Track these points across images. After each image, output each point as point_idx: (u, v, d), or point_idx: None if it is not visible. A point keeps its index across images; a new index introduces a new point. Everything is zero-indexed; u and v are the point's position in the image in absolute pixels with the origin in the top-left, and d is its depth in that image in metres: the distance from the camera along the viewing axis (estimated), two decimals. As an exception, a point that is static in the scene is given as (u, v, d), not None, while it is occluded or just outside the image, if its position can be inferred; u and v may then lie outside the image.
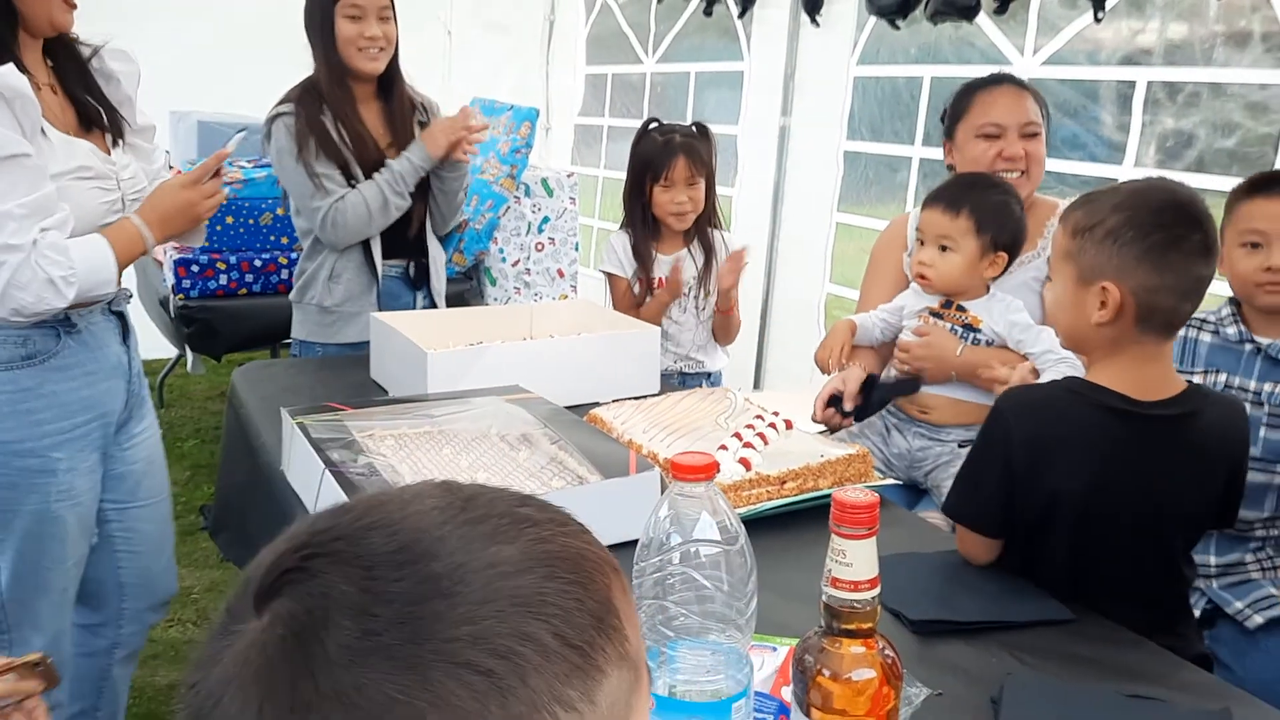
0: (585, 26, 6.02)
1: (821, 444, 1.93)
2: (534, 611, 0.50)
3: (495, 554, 0.51)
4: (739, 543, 0.92)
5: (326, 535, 0.52)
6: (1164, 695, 1.27)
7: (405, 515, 0.53)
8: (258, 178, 3.65)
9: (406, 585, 0.49)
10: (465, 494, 0.55)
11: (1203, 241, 1.46)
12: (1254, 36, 2.85)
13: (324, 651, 0.47)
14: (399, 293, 2.86)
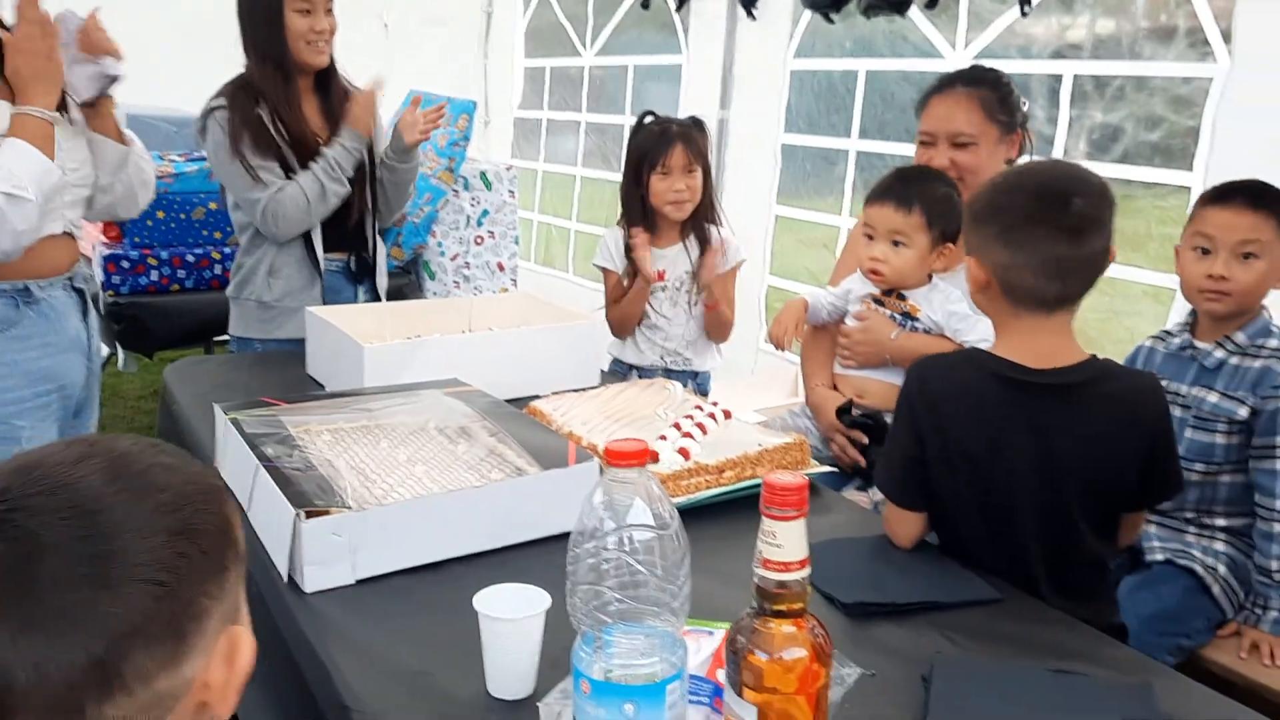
0: (523, 19, 6.00)
1: (759, 433, 1.95)
2: (186, 537, 0.72)
3: (155, 501, 0.72)
4: (672, 527, 0.93)
5: (23, 491, 0.69)
6: (1088, 671, 1.31)
7: (81, 476, 0.71)
8: (189, 172, 3.59)
9: (93, 529, 0.68)
10: (119, 451, 0.74)
11: (1066, 223, 1.53)
12: (1178, 31, 2.92)
13: (39, 580, 0.66)
14: (340, 287, 2.83)
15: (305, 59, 2.64)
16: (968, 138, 2.25)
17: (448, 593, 1.40)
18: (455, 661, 1.28)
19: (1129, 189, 3.16)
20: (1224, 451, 2.01)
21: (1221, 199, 2.01)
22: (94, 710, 0.67)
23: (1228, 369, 2.02)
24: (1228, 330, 2.03)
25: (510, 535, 1.56)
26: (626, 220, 2.79)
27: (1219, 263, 1.98)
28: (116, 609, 0.67)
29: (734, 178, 4.41)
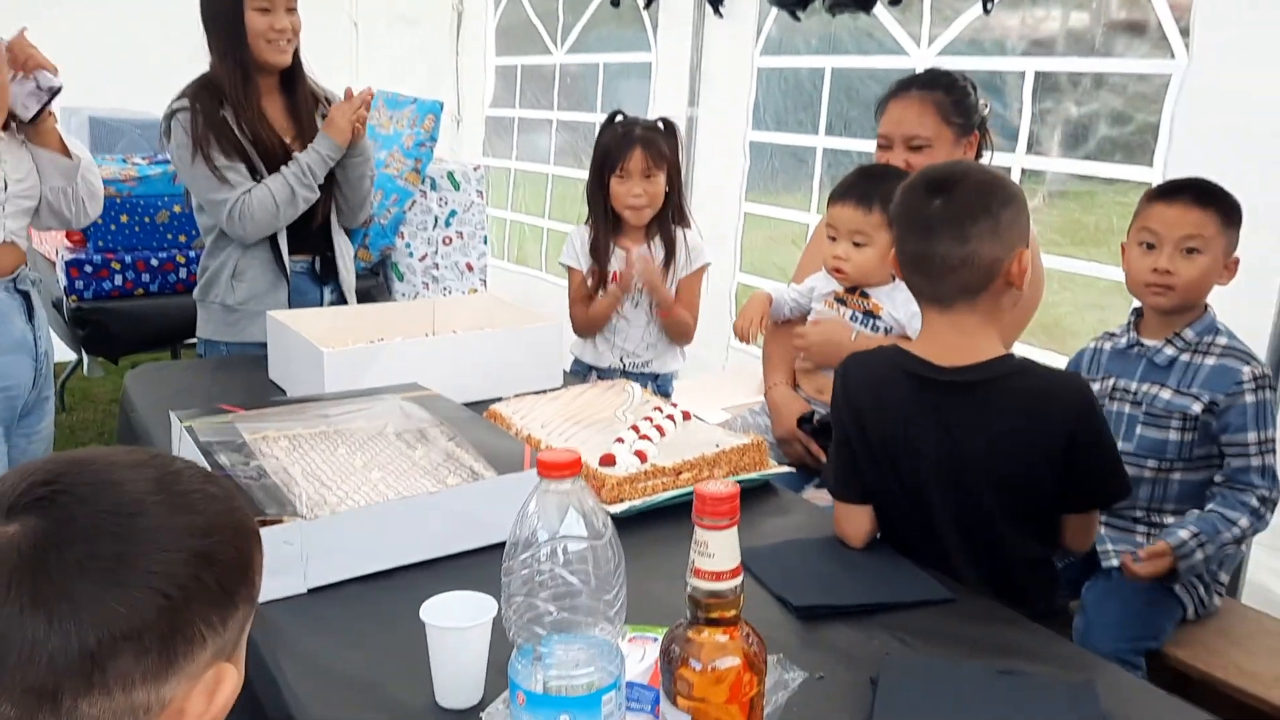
0: (494, 17, 5.98)
1: (718, 434, 1.96)
2: (205, 562, 0.75)
3: (188, 521, 0.75)
4: (606, 537, 0.93)
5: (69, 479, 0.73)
6: (1034, 669, 1.32)
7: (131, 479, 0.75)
8: (153, 175, 3.56)
9: (125, 530, 0.72)
10: (173, 469, 0.78)
11: (918, 221, 1.60)
12: (1138, 29, 2.94)
13: (62, 562, 0.69)
14: (306, 289, 2.81)
15: (266, 58, 2.62)
16: (923, 140, 2.28)
17: (399, 600, 1.40)
18: (404, 670, 1.28)
19: (1091, 185, 3.19)
20: (1176, 448, 2.02)
21: (1167, 195, 2.03)
22: (69, 701, 0.69)
23: (1179, 365, 2.03)
24: (1174, 327, 2.05)
25: (463, 541, 1.56)
26: (591, 220, 2.79)
27: (1163, 257, 2.00)
28: (120, 608, 0.70)
29: (703, 175, 4.41)
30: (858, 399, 1.70)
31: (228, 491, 0.81)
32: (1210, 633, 2.08)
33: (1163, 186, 2.09)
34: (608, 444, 1.83)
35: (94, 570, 0.70)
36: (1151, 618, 2.02)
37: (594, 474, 1.74)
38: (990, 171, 1.68)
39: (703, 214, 4.42)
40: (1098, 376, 2.15)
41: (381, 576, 1.51)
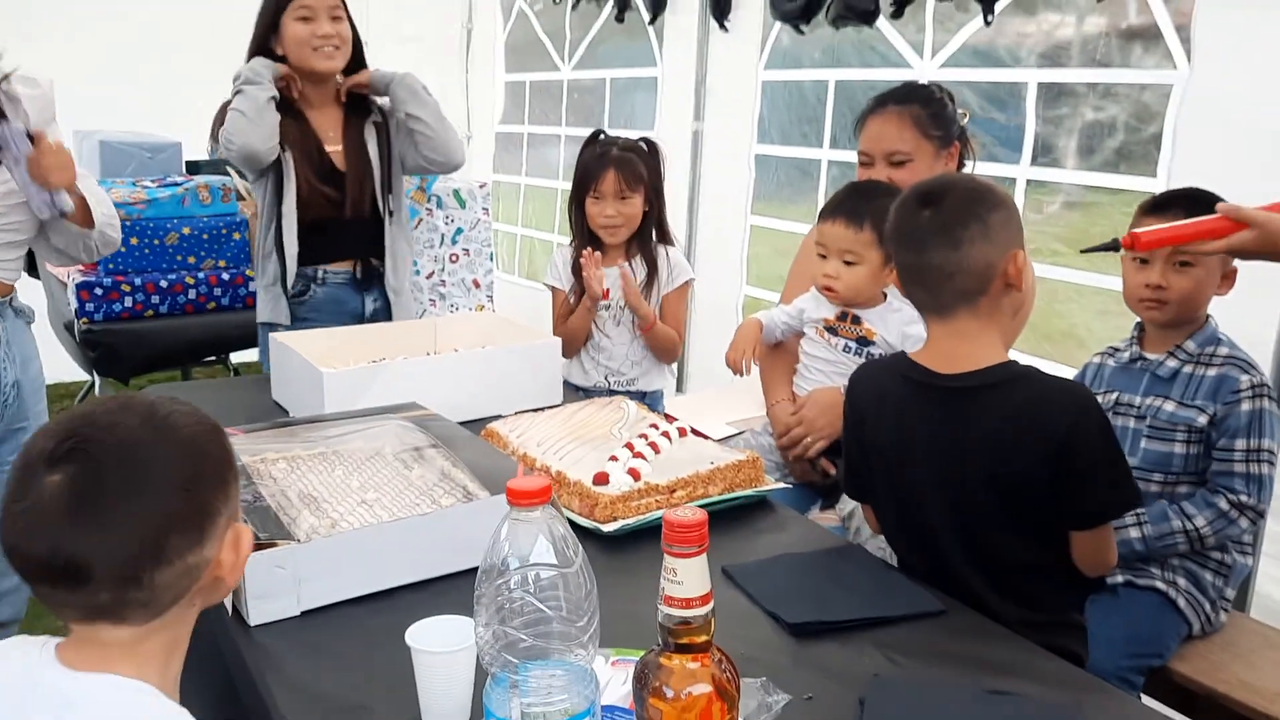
0: (502, 34, 6.01)
1: (713, 451, 1.96)
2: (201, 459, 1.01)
3: (176, 437, 1.00)
4: (576, 564, 0.93)
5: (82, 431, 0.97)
6: (1023, 688, 1.31)
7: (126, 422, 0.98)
8: (161, 198, 3.59)
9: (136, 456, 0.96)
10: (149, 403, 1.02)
11: (910, 233, 1.64)
12: (1140, 39, 2.93)
13: (103, 492, 0.94)
14: (345, 298, 2.85)
15: (312, 64, 2.69)
16: (903, 155, 2.28)
17: (391, 622, 1.40)
18: (393, 693, 1.28)
19: (1096, 195, 3.17)
20: (1182, 461, 2.01)
21: (1157, 209, 2.03)
22: (147, 577, 0.96)
23: (1182, 377, 2.03)
24: (1176, 340, 2.04)
25: (455, 563, 1.56)
26: (574, 238, 2.80)
27: (1155, 272, 2.00)
28: (156, 508, 0.96)
29: (709, 188, 4.42)
30: (861, 406, 1.76)
31: (192, 407, 1.05)
32: (1215, 648, 2.07)
33: (1153, 200, 2.09)
34: (603, 462, 1.84)
35: (126, 489, 0.95)
36: (1155, 634, 2.01)
37: (587, 492, 1.75)
38: (978, 180, 1.69)
39: (709, 227, 4.46)
40: (1101, 390, 2.14)
41: (373, 598, 1.52)
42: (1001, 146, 3.29)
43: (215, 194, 3.77)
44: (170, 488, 0.97)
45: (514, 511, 0.94)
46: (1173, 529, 1.98)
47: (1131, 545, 2.00)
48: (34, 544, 0.93)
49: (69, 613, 0.97)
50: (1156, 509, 2.00)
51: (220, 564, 1.03)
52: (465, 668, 1.20)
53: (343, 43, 2.72)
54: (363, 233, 2.83)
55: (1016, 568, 1.61)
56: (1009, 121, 3.24)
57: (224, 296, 3.70)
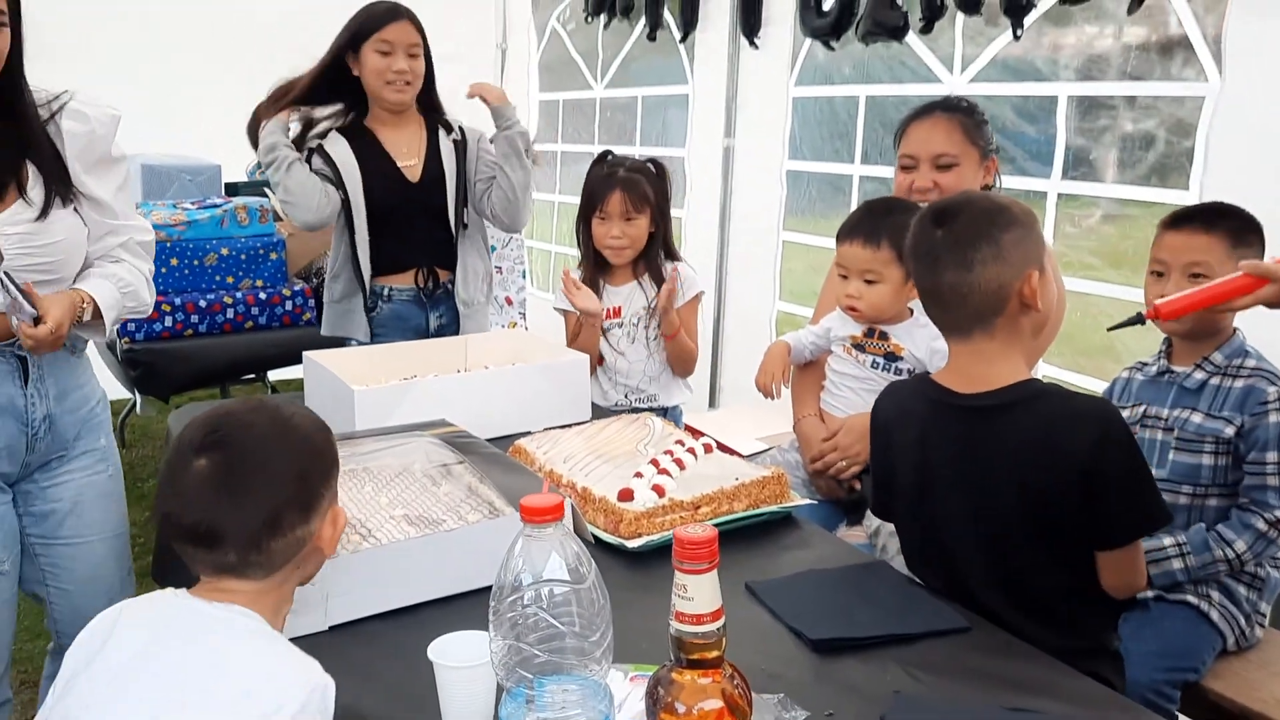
0: (536, 54, 6.07)
1: (738, 467, 1.96)
2: (312, 455, 1.25)
3: (296, 435, 1.24)
4: (588, 580, 0.95)
5: (225, 427, 1.21)
6: (1049, 707, 1.30)
7: (258, 421, 1.23)
8: (201, 219, 3.66)
9: (266, 448, 1.20)
10: (274, 407, 1.27)
11: (926, 253, 1.63)
12: (1171, 51, 2.91)
13: (244, 476, 1.18)
14: (409, 314, 2.97)
15: (384, 96, 2.84)
16: (950, 158, 2.28)
17: (415, 637, 1.42)
18: (417, 707, 1.30)
19: (1129, 208, 3.15)
20: (1210, 473, 1.99)
21: (1175, 224, 2.04)
22: (266, 544, 1.18)
23: (1209, 389, 2.01)
24: (1203, 352, 2.03)
25: (480, 578, 1.58)
26: (582, 257, 2.84)
27: (1170, 284, 2.00)
28: (277, 492, 1.19)
29: (740, 204, 4.43)
30: (885, 426, 1.77)
31: (309, 412, 1.30)
32: (1251, 665, 2.03)
33: (1173, 215, 2.08)
34: (628, 478, 1.85)
35: (254, 477, 1.18)
36: (1189, 649, 1.98)
37: (612, 508, 1.76)
38: (996, 198, 1.67)
39: (741, 243, 4.47)
40: (1128, 404, 2.13)
41: (399, 614, 1.54)
42: (1033, 160, 3.28)
43: (253, 215, 3.83)
44: (288, 476, 1.21)
45: (528, 528, 0.95)
46: (1214, 557, 1.96)
47: (1174, 576, 1.99)
48: (183, 514, 1.18)
49: (202, 568, 1.21)
50: (1197, 539, 1.98)
51: (320, 537, 1.25)
52: (486, 682, 1.22)
53: (415, 79, 2.85)
54: (431, 245, 2.96)
55: (1042, 591, 1.59)
56: (1040, 135, 3.23)
57: (261, 315, 3.76)
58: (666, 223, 2.81)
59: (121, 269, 2.04)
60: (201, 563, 1.20)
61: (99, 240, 2.02)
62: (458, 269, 3.00)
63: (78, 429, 2.08)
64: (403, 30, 2.79)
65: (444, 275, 3.00)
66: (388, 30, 2.78)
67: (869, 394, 2.22)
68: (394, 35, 2.77)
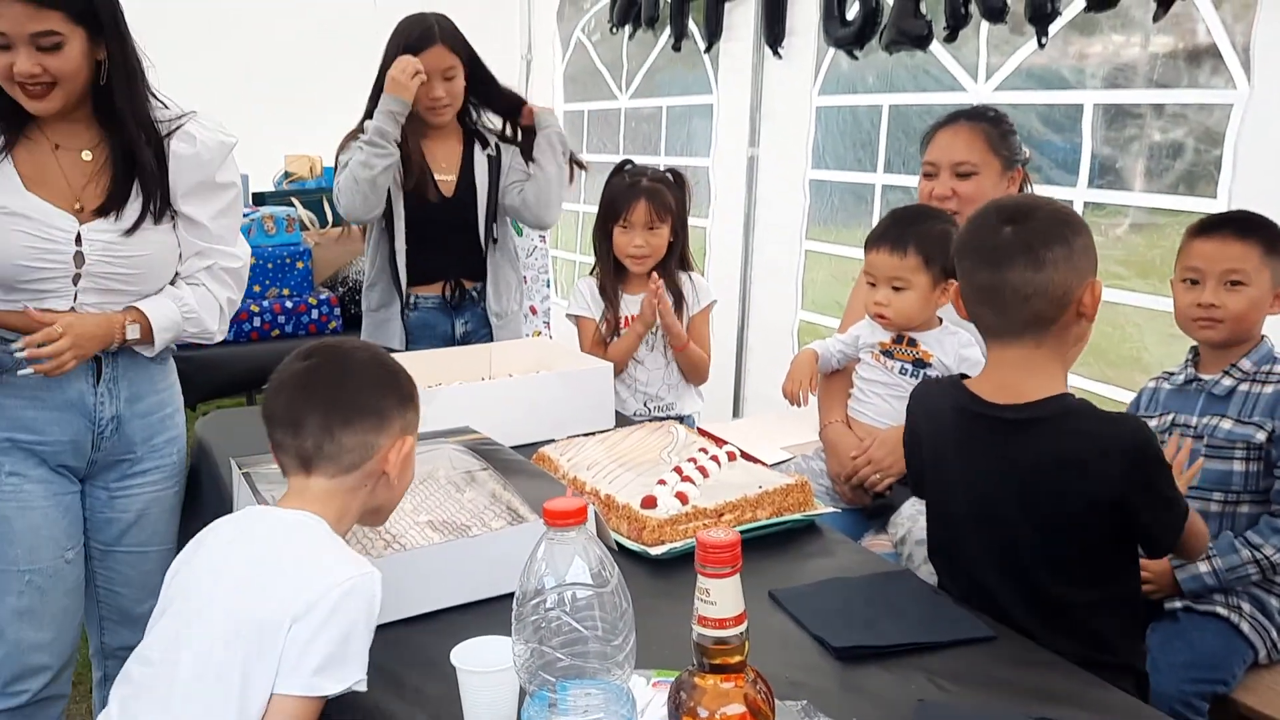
0: (561, 65, 6.09)
1: (762, 474, 1.96)
2: (394, 382, 1.50)
3: (388, 369, 1.51)
4: (611, 584, 0.95)
5: (326, 345, 1.51)
6: (1074, 716, 1.29)
7: (359, 352, 1.51)
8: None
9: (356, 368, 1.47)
10: (375, 350, 1.55)
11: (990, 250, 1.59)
12: (1198, 59, 2.89)
13: (328, 374, 1.45)
14: (434, 321, 3.00)
15: (425, 119, 2.88)
16: (970, 166, 2.29)
17: (439, 642, 1.43)
18: (441, 712, 1.31)
19: (1156, 217, 3.12)
20: (1242, 479, 1.98)
21: (1207, 230, 2.03)
22: (337, 434, 1.40)
23: (1238, 395, 2.00)
24: (1231, 359, 2.03)
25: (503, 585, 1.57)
26: (597, 266, 2.85)
27: (1207, 292, 1.99)
28: (351, 393, 1.43)
29: (764, 213, 4.42)
30: (918, 425, 1.79)
31: (397, 363, 1.53)
32: (1282, 677, 2.01)
33: (1203, 222, 2.07)
34: (651, 485, 1.85)
35: (341, 376, 1.44)
36: (1219, 660, 1.96)
37: (636, 516, 1.76)
38: (1061, 204, 1.69)
39: (764, 252, 4.47)
40: (1156, 413, 2.11)
41: (423, 619, 1.55)
42: (1058, 169, 3.26)
43: (280, 224, 3.86)
44: (365, 385, 1.44)
45: (551, 532, 0.95)
46: (1242, 559, 1.95)
47: (1203, 580, 1.97)
48: (277, 403, 1.44)
49: (288, 460, 1.43)
50: (1223, 541, 1.97)
51: (387, 459, 1.44)
52: (509, 687, 1.22)
53: (453, 100, 2.88)
54: (462, 257, 2.99)
55: (1063, 604, 1.58)
56: (1065, 143, 3.21)
57: (288, 324, 3.78)
58: (685, 233, 2.83)
59: (192, 292, 2.09)
60: (287, 453, 1.42)
61: (185, 260, 2.07)
62: (489, 281, 3.03)
63: (148, 434, 2.11)
64: (436, 56, 2.79)
65: (469, 284, 3.02)
66: (421, 58, 2.77)
67: (897, 401, 2.22)
68: (429, 63, 2.78)
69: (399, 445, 1.45)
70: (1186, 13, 2.80)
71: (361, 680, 1.28)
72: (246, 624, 1.25)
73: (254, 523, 1.42)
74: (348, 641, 1.27)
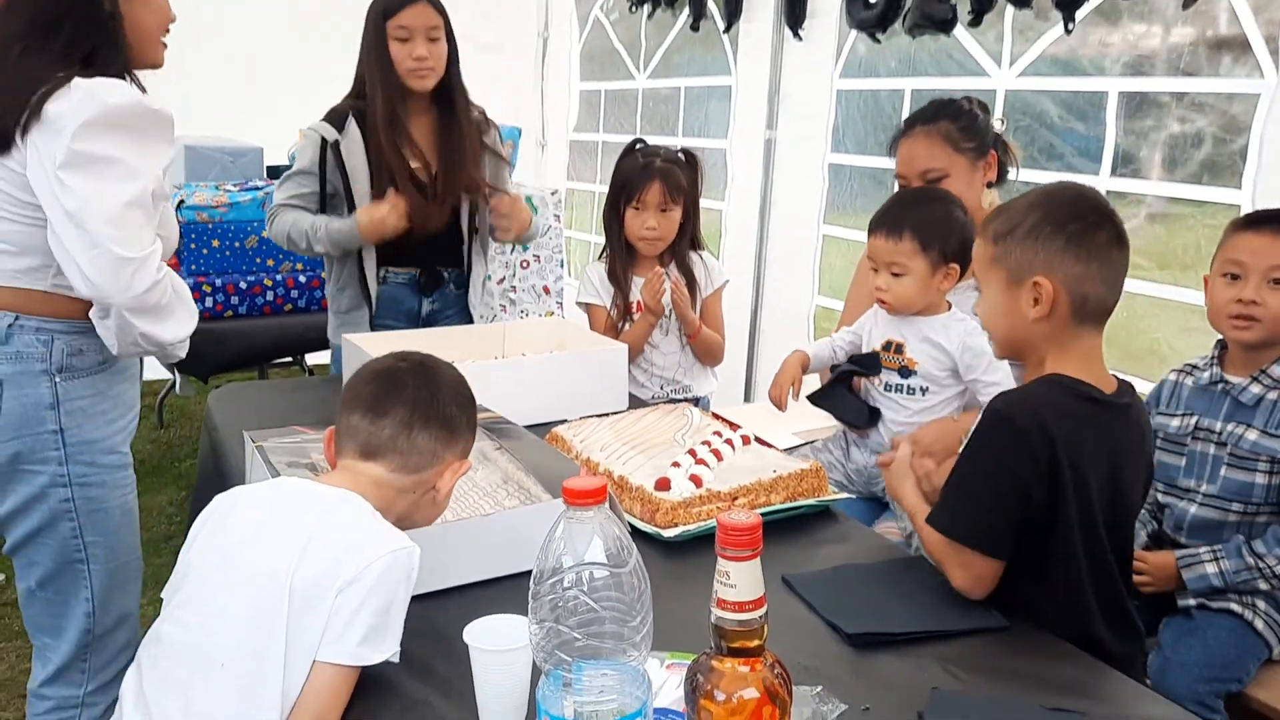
0: (578, 44, 6.06)
1: (776, 459, 1.95)
2: (467, 407, 1.56)
3: (463, 391, 1.56)
4: (629, 564, 0.94)
5: (423, 355, 1.58)
6: (1089, 707, 1.28)
7: (447, 370, 1.57)
8: (243, 201, 3.69)
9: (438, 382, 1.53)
10: (456, 372, 1.59)
11: (1115, 232, 1.56)
12: (1226, 48, 2.86)
13: (432, 384, 1.51)
14: (402, 297, 2.86)
15: (408, 84, 2.69)
16: (937, 172, 2.28)
17: (452, 620, 1.42)
18: (453, 691, 1.30)
19: (1178, 207, 3.09)
20: (1264, 492, 1.94)
21: (1254, 225, 1.97)
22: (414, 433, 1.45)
23: (1266, 404, 1.95)
24: (1260, 363, 1.97)
25: (515, 563, 1.58)
26: (607, 248, 2.82)
27: (1249, 288, 1.93)
28: (442, 404, 1.49)
29: (781, 197, 4.39)
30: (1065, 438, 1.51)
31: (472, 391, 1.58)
32: (1297, 674, 1.99)
33: (1250, 216, 2.02)
34: (665, 468, 1.84)
35: (434, 386, 1.50)
36: (1233, 657, 1.94)
37: (649, 498, 1.75)
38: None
39: (781, 236, 4.44)
40: (1179, 413, 2.07)
41: (436, 596, 1.54)
42: (1081, 157, 3.23)
43: (295, 198, 3.85)
44: (450, 400, 1.50)
45: (569, 511, 0.94)
46: (1247, 565, 1.93)
47: (1209, 581, 1.95)
48: (366, 389, 1.49)
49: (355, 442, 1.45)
50: (1231, 545, 1.95)
51: (443, 474, 1.48)
52: (522, 666, 1.21)
53: (437, 63, 2.70)
54: (438, 247, 2.84)
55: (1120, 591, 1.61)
56: (1089, 132, 3.18)
57: (300, 299, 3.78)
58: (696, 213, 2.80)
59: None
60: (357, 437, 1.45)
61: None
62: (471, 281, 2.91)
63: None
64: (420, 13, 2.66)
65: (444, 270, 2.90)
66: (404, 15, 2.64)
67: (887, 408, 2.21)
68: (411, 20, 2.64)
69: (457, 466, 1.50)
70: (1212, 1, 2.76)
71: (396, 651, 1.29)
72: (294, 586, 1.26)
73: (298, 493, 1.42)
74: (389, 613, 1.28)
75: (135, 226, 1.80)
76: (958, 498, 1.57)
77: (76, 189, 1.73)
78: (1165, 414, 2.09)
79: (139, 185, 1.81)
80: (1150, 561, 2.00)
